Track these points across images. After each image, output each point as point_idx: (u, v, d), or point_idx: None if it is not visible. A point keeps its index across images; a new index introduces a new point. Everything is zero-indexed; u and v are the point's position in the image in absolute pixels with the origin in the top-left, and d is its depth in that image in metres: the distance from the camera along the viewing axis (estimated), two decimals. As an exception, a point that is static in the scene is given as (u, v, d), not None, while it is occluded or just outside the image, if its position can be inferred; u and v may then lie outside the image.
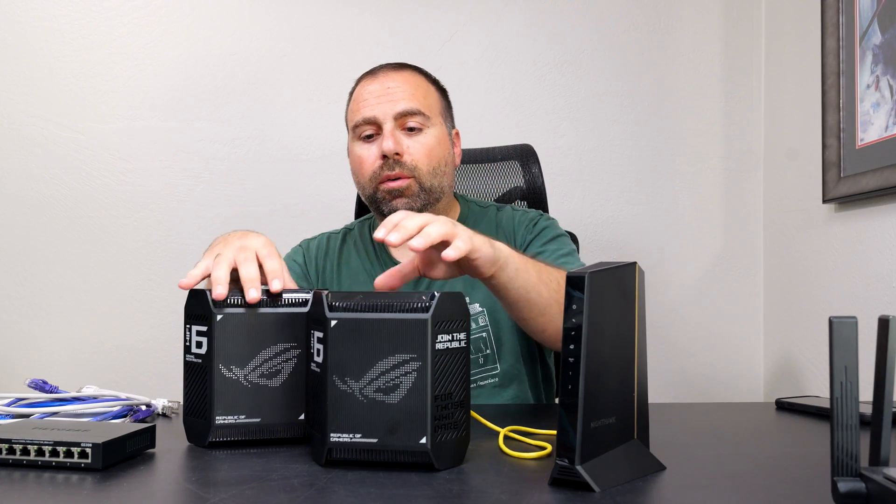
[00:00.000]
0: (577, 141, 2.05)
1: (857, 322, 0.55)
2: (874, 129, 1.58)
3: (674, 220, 2.07)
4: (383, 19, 2.01)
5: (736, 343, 2.07)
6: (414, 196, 1.24)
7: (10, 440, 0.73)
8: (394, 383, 0.72)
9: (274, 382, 0.84)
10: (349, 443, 0.73)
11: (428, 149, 1.25)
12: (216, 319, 0.82)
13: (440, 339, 0.73)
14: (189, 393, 0.85)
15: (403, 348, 0.72)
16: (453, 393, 0.74)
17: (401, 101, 1.25)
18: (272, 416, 0.84)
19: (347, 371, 0.73)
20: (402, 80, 1.27)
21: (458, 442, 0.75)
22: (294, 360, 0.85)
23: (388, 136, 1.23)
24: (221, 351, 0.83)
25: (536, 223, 1.31)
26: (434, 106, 1.29)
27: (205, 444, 0.83)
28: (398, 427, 0.72)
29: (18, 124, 1.93)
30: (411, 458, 0.72)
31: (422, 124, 1.25)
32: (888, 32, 1.55)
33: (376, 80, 1.28)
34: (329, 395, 0.74)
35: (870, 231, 1.62)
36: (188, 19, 1.98)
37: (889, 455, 0.56)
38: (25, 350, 1.91)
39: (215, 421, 0.82)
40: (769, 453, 0.85)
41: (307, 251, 1.38)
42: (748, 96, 2.09)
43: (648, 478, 0.70)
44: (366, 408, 0.73)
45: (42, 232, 1.93)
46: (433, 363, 0.72)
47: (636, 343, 0.73)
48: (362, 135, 1.26)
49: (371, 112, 1.25)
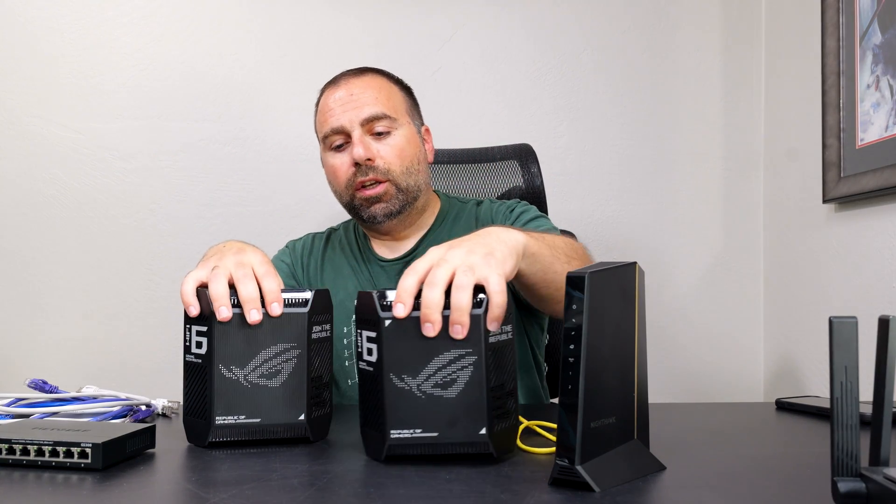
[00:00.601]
0: (576, 141, 2.05)
1: (857, 322, 0.55)
2: (874, 129, 1.58)
3: (674, 221, 2.07)
4: (383, 19, 2.01)
5: (736, 343, 2.07)
6: (392, 199, 1.25)
7: (10, 440, 0.73)
8: (451, 378, 0.75)
9: (274, 383, 0.84)
10: (409, 438, 0.75)
11: (399, 150, 1.26)
12: (216, 320, 0.82)
13: (492, 333, 0.75)
14: (189, 393, 0.85)
15: (459, 343, 0.74)
16: (505, 384, 0.77)
17: (365, 106, 1.25)
18: (272, 417, 0.84)
19: (404, 368, 0.75)
20: (364, 86, 1.27)
21: (510, 430, 0.78)
22: (294, 360, 0.85)
23: (358, 143, 1.23)
24: (221, 351, 0.83)
25: (513, 210, 1.32)
26: (399, 106, 1.29)
27: (205, 444, 0.83)
28: (457, 420, 0.75)
29: (18, 124, 1.93)
30: (471, 449, 0.75)
31: (389, 127, 1.26)
32: (888, 32, 1.55)
33: (339, 88, 1.28)
34: (386, 393, 0.75)
35: (870, 231, 1.62)
36: (188, 19, 1.98)
37: (889, 455, 0.56)
38: (25, 350, 1.91)
39: (215, 421, 0.82)
40: (769, 453, 0.85)
41: (293, 251, 1.41)
42: (748, 96, 2.09)
43: (648, 478, 0.70)
44: (425, 403, 0.75)
45: (42, 232, 1.93)
46: (487, 356, 0.75)
47: (636, 343, 0.73)
48: (333, 145, 1.27)
49: (338, 122, 1.25)
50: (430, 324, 0.74)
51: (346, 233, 1.41)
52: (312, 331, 0.86)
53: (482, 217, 1.33)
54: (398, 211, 1.26)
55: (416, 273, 0.77)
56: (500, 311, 0.75)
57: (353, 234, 1.39)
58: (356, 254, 1.36)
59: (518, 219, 1.29)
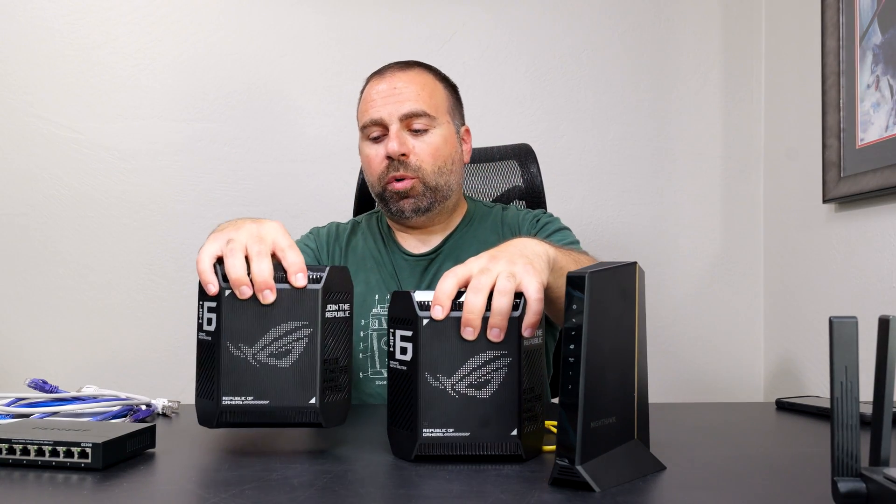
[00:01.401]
0: (577, 141, 2.05)
1: (858, 322, 0.55)
2: (874, 129, 1.58)
3: (674, 220, 2.07)
4: (383, 19, 2.01)
5: (736, 343, 2.07)
6: (419, 196, 1.27)
7: (10, 440, 0.73)
8: (485, 378, 0.76)
9: (284, 363, 0.79)
10: (441, 437, 0.75)
11: (434, 149, 1.27)
12: (224, 294, 0.79)
13: (526, 337, 0.77)
14: (200, 373, 0.82)
15: (495, 345, 0.75)
16: (535, 387, 0.78)
17: (406, 101, 1.26)
18: (281, 399, 0.79)
19: (439, 368, 0.76)
20: (408, 80, 1.28)
21: (538, 432, 0.79)
22: (305, 339, 0.80)
23: (394, 137, 1.24)
24: (229, 328, 0.79)
25: (539, 219, 1.35)
26: (441, 105, 1.30)
27: (213, 426, 0.80)
28: (489, 421, 0.75)
29: (18, 124, 1.93)
30: (502, 450, 0.76)
31: (427, 125, 1.27)
32: (888, 32, 1.55)
33: (384, 80, 1.29)
34: (421, 392, 0.75)
35: (870, 231, 1.62)
36: (188, 19, 1.98)
37: (889, 455, 0.56)
38: (25, 350, 1.91)
39: (222, 401, 0.79)
40: (769, 453, 0.85)
41: (318, 237, 1.41)
42: (748, 96, 2.09)
43: (648, 478, 0.70)
44: (458, 403, 0.75)
45: (42, 232, 1.93)
46: (521, 359, 0.76)
47: (636, 343, 0.73)
48: (370, 135, 1.28)
49: (377, 113, 1.26)
50: (471, 328, 0.75)
51: (369, 224, 1.41)
52: (327, 309, 0.81)
53: (509, 222, 1.35)
54: (426, 208, 1.28)
55: (456, 277, 0.79)
56: (537, 319, 0.77)
57: (377, 226, 1.40)
58: (380, 246, 1.36)
59: (543, 229, 1.32)
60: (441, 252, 1.33)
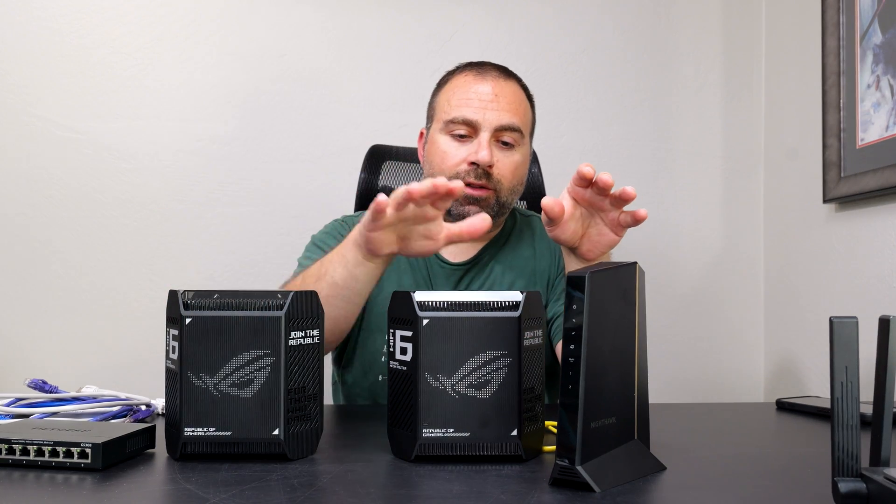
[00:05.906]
0: (577, 141, 2.05)
1: (858, 322, 0.55)
2: (874, 129, 1.58)
3: (674, 221, 2.07)
4: (383, 19, 2.01)
5: (736, 343, 2.07)
6: (489, 207, 1.24)
7: (10, 440, 0.73)
8: (486, 378, 0.76)
9: (246, 393, 0.77)
10: (441, 437, 0.76)
11: (514, 167, 1.25)
12: (185, 322, 0.77)
13: (527, 336, 0.77)
14: (167, 401, 0.82)
15: (495, 345, 0.76)
16: (535, 387, 0.78)
17: (507, 113, 1.23)
18: (244, 431, 0.77)
19: (439, 368, 0.76)
20: (511, 92, 1.26)
21: (538, 432, 0.79)
22: (268, 368, 0.77)
23: (486, 146, 1.21)
24: (190, 357, 0.77)
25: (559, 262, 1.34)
26: (527, 125, 1.29)
27: (176, 457, 0.79)
28: (489, 421, 0.76)
29: (18, 124, 1.93)
30: (502, 450, 0.76)
31: (516, 141, 1.25)
32: (889, 32, 1.55)
33: (486, 82, 1.25)
34: (420, 392, 0.76)
35: (870, 231, 1.61)
36: (188, 19, 1.98)
37: (889, 455, 0.56)
38: (25, 350, 1.91)
39: (184, 432, 0.77)
40: (769, 453, 0.85)
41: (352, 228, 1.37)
42: (748, 96, 2.09)
43: (648, 478, 0.70)
44: (458, 403, 0.76)
45: (42, 232, 1.93)
46: (521, 359, 0.76)
47: (636, 343, 0.73)
48: (455, 132, 1.24)
49: (474, 115, 1.22)
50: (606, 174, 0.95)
51: None
52: (291, 336, 0.78)
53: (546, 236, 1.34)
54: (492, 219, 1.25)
55: None
56: None
57: None
58: None
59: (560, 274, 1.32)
60: (478, 263, 1.31)
